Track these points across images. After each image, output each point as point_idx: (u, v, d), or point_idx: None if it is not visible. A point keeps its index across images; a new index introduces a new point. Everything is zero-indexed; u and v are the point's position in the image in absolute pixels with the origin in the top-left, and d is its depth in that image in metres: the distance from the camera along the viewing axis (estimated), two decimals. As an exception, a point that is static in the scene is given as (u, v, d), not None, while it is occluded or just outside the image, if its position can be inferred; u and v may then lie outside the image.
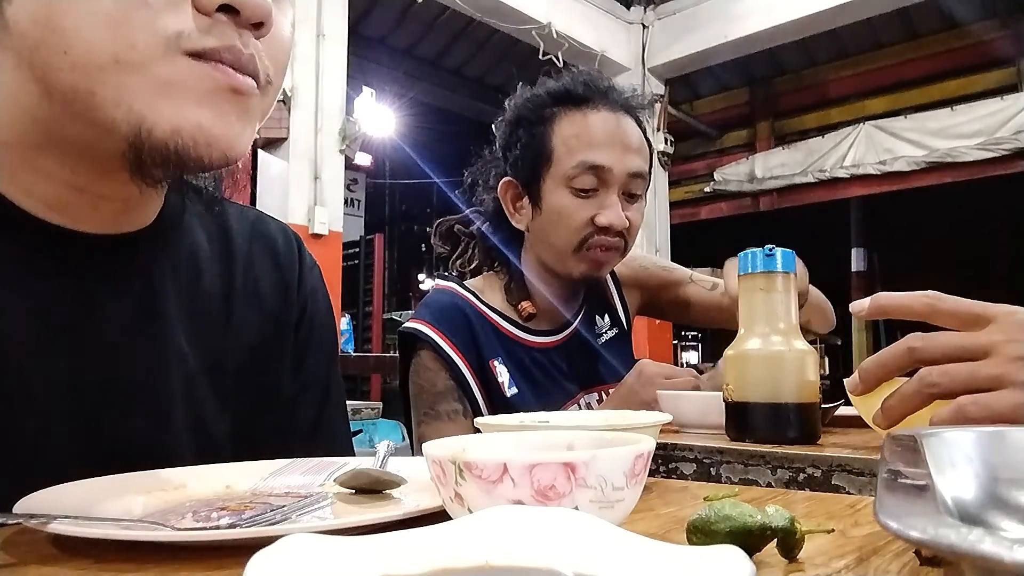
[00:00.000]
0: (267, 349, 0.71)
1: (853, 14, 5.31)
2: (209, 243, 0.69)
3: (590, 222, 1.11)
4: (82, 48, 0.47)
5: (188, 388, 0.64)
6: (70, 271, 0.57)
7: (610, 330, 1.30)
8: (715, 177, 7.67)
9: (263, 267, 0.73)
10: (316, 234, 4.06)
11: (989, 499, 0.35)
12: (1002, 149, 5.91)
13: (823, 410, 0.88)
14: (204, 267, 0.67)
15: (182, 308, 0.64)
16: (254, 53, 0.51)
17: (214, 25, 0.49)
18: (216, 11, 0.49)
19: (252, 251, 0.72)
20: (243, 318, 0.69)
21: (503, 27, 5.18)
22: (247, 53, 0.50)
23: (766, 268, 0.85)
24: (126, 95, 0.48)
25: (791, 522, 0.35)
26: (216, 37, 0.49)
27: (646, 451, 0.39)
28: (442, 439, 0.45)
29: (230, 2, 0.49)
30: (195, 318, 0.65)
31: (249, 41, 0.51)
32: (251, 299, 0.70)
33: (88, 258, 0.58)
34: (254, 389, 0.69)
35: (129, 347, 0.60)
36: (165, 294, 0.63)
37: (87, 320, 0.58)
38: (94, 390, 0.58)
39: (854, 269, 8.59)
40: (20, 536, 0.44)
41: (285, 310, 0.73)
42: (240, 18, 0.50)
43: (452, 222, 1.33)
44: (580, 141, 1.11)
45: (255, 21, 0.50)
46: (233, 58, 0.50)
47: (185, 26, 0.48)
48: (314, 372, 0.76)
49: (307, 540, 0.29)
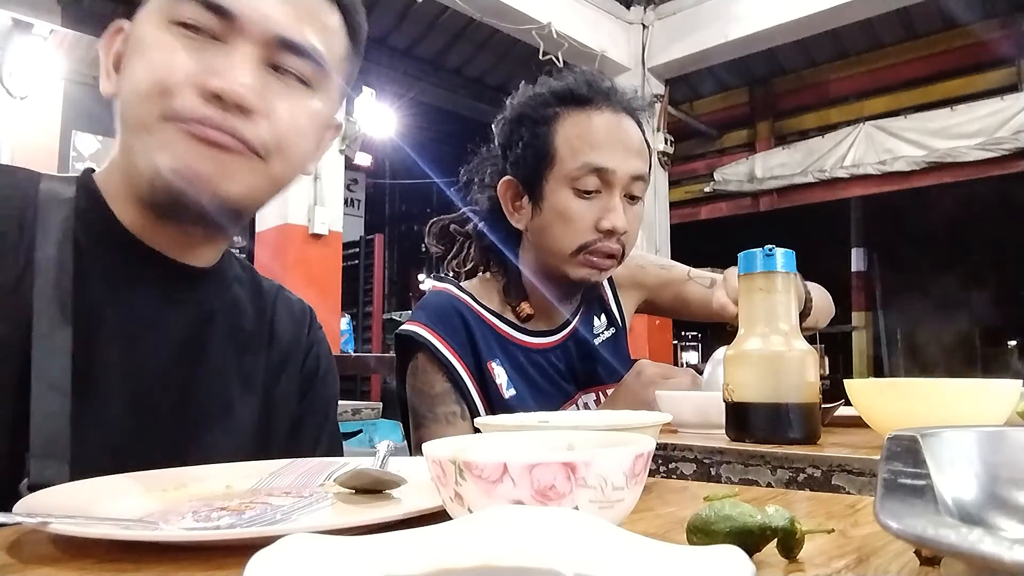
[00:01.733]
0: (280, 385, 0.85)
1: (853, 14, 5.30)
2: (247, 291, 0.85)
3: (593, 226, 1.11)
4: (129, 116, 0.68)
5: (225, 404, 0.77)
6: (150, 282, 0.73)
7: (607, 330, 1.30)
8: (715, 177, 7.66)
9: (284, 321, 0.88)
10: (316, 234, 4.06)
11: (989, 499, 0.35)
12: (1002, 149, 5.91)
13: (823, 410, 0.88)
14: (244, 308, 0.83)
15: (227, 336, 0.79)
16: (236, 124, 0.66)
17: (205, 105, 0.66)
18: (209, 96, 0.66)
19: (277, 306, 0.88)
20: (268, 354, 0.84)
21: (503, 27, 5.18)
22: (227, 124, 0.66)
23: (766, 268, 0.85)
24: (147, 149, 0.66)
25: (791, 522, 0.35)
26: (203, 111, 0.66)
27: (646, 451, 0.39)
28: (442, 439, 0.45)
29: (217, 92, 0.65)
30: (236, 346, 0.80)
31: (232, 119, 0.66)
32: (273, 341, 0.86)
33: (166, 278, 0.74)
34: (269, 412, 0.82)
35: (182, 361, 0.74)
36: (215, 322, 0.78)
37: (156, 328, 0.72)
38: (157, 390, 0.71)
39: (854, 269, 8.59)
40: (20, 536, 0.44)
41: (296, 355, 0.88)
42: (224, 102, 0.66)
43: (446, 221, 1.33)
44: (584, 142, 1.11)
45: (236, 105, 0.66)
46: (214, 124, 0.66)
47: (183, 104, 0.65)
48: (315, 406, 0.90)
49: (307, 540, 0.29)
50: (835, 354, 8.47)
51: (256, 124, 0.68)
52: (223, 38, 0.67)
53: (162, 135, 0.66)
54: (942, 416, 0.69)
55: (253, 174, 0.69)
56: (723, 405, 0.90)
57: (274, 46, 0.69)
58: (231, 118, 0.66)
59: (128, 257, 0.72)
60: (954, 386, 0.72)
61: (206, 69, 0.66)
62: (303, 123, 0.72)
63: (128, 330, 0.71)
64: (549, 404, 1.14)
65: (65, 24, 5.09)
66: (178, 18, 0.67)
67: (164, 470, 0.57)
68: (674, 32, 5.94)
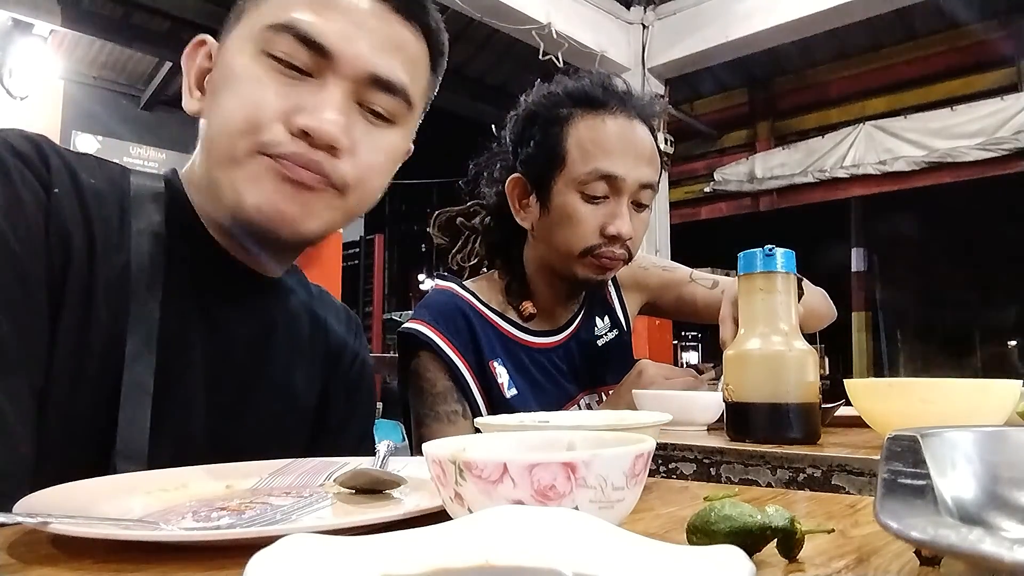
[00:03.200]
0: (330, 391, 0.88)
1: (853, 14, 5.30)
2: (301, 298, 0.87)
3: (599, 231, 1.11)
4: (216, 146, 0.68)
5: (284, 410, 0.80)
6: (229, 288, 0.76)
7: (610, 331, 1.30)
8: (715, 177, 7.66)
9: (334, 327, 0.91)
10: (316, 234, 4.06)
11: (989, 499, 0.35)
12: (1002, 149, 5.90)
13: (823, 410, 0.88)
14: (300, 316, 0.86)
15: (287, 344, 0.82)
16: (321, 161, 0.67)
17: (294, 141, 0.66)
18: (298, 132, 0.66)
19: (327, 313, 0.91)
20: (321, 361, 0.87)
21: (503, 27, 5.17)
22: (314, 159, 0.67)
23: (766, 268, 0.85)
24: (233, 183, 0.67)
25: (791, 522, 0.35)
26: (291, 147, 0.66)
27: (646, 451, 0.39)
28: (442, 439, 0.45)
29: (306, 129, 0.66)
30: (295, 353, 0.83)
31: (320, 154, 0.67)
32: (326, 347, 0.88)
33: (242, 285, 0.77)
34: (320, 417, 0.86)
35: (247, 366, 0.76)
36: (277, 330, 0.81)
37: (228, 334, 0.75)
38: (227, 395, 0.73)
39: (854, 269, 8.59)
40: (20, 536, 0.44)
41: (344, 361, 0.91)
42: (312, 139, 0.66)
43: (453, 213, 1.32)
44: (596, 147, 1.10)
45: (323, 143, 0.67)
46: (301, 162, 0.67)
47: (272, 138, 0.66)
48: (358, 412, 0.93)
49: (307, 540, 0.29)
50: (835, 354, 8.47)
51: (341, 161, 0.69)
52: (316, 74, 0.68)
53: (250, 169, 0.67)
54: (942, 416, 0.69)
55: (331, 210, 0.71)
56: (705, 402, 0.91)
57: (364, 84, 0.69)
58: (318, 155, 0.67)
59: (212, 262, 0.74)
60: (954, 386, 0.72)
61: (299, 106, 0.66)
62: (383, 160, 0.74)
63: (206, 334, 0.73)
64: (551, 404, 1.14)
65: (65, 24, 5.09)
66: (272, 51, 0.67)
67: (164, 470, 0.57)
68: (674, 32, 5.94)
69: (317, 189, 0.68)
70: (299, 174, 0.67)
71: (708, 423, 0.98)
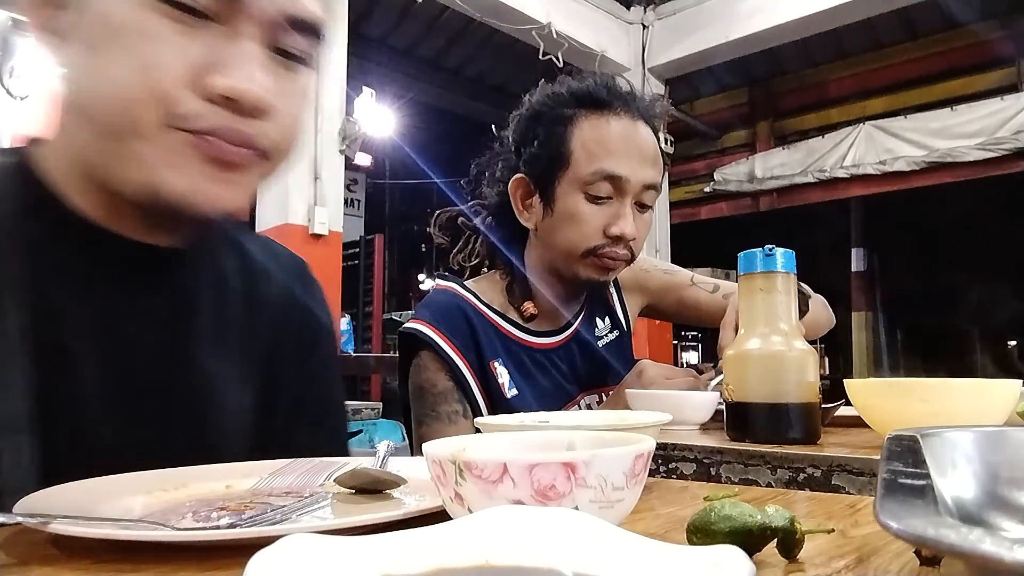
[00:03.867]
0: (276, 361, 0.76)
1: (853, 14, 5.30)
2: (234, 261, 0.76)
3: (602, 231, 1.11)
4: (108, 116, 0.56)
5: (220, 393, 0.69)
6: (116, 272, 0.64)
7: (611, 332, 1.30)
8: (715, 177, 7.66)
9: (275, 287, 0.79)
10: (316, 234, 4.06)
11: (989, 499, 0.35)
12: (1002, 149, 5.90)
13: (823, 410, 0.88)
14: (231, 282, 0.74)
15: (215, 319, 0.71)
16: (253, 132, 0.58)
17: (214, 110, 0.56)
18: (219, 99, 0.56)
19: (267, 272, 0.79)
20: (260, 333, 0.75)
21: (503, 27, 5.18)
22: (243, 132, 0.58)
23: (766, 268, 0.85)
24: (144, 161, 0.56)
25: (791, 522, 0.35)
26: (214, 119, 0.56)
27: (646, 451, 0.39)
28: (442, 439, 0.45)
29: (229, 94, 0.56)
30: (226, 328, 0.71)
31: (248, 123, 0.58)
32: (264, 316, 0.76)
33: (135, 263, 0.65)
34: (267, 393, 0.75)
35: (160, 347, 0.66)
36: (197, 304, 0.69)
37: (127, 318, 0.64)
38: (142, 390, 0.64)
39: (854, 269, 8.58)
40: (20, 536, 0.44)
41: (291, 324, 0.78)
42: (238, 106, 0.56)
43: (454, 213, 1.33)
44: (600, 147, 1.10)
45: (252, 110, 0.57)
46: (230, 137, 0.57)
47: (186, 109, 0.55)
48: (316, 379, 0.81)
49: (307, 540, 0.29)
50: (835, 354, 8.47)
51: (267, 124, 0.59)
52: (222, 19, 0.56)
53: (162, 146, 0.56)
54: (942, 416, 0.69)
55: (257, 179, 0.63)
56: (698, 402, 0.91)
57: (280, 26, 0.59)
58: (246, 125, 0.58)
59: (86, 245, 0.62)
60: (954, 386, 0.72)
61: (210, 63, 0.55)
62: (302, 108, 0.65)
63: (97, 327, 0.62)
64: (551, 404, 1.14)
65: (65, 24, 5.09)
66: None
67: (164, 470, 0.57)
68: (674, 32, 5.94)
69: (246, 164, 0.60)
70: (228, 153, 0.57)
71: (701, 422, 0.99)
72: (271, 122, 0.59)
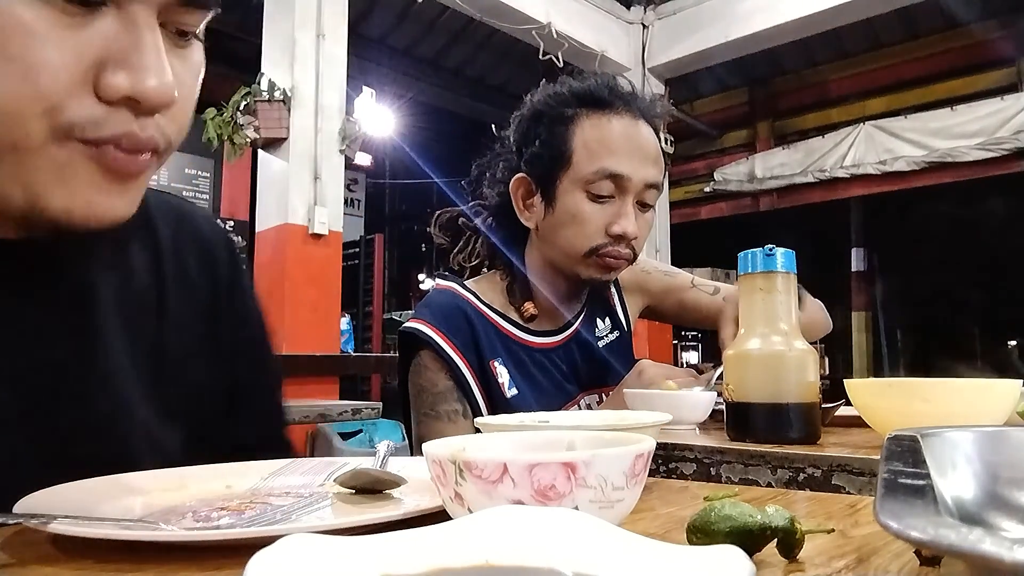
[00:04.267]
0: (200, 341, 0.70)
1: (853, 14, 5.30)
2: (134, 235, 0.67)
3: (604, 230, 1.11)
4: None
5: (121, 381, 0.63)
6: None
7: (611, 333, 1.30)
8: (715, 177, 7.66)
9: (190, 257, 0.71)
10: (316, 234, 4.06)
11: (989, 499, 0.35)
12: (1002, 149, 5.90)
13: (823, 410, 0.88)
14: (132, 260, 0.67)
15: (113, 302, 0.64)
16: (153, 135, 0.51)
17: (113, 114, 0.49)
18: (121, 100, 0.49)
19: (177, 240, 0.71)
20: (175, 309, 0.68)
21: (503, 27, 5.18)
22: (144, 136, 0.51)
23: (766, 268, 0.85)
24: (27, 178, 0.49)
25: (791, 522, 0.35)
26: (113, 126, 0.49)
27: (646, 451, 0.39)
28: (442, 439, 0.45)
29: (133, 95, 0.48)
30: (127, 311, 0.64)
31: (148, 123, 0.51)
32: (181, 290, 0.69)
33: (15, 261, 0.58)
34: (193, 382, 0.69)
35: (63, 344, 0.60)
36: (95, 290, 0.62)
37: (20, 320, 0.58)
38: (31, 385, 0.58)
39: (854, 269, 8.58)
40: (20, 536, 0.44)
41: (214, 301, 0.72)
42: (142, 107, 0.50)
43: (454, 213, 1.32)
44: (601, 146, 1.10)
45: (158, 110, 0.51)
46: (130, 144, 0.50)
47: (82, 116, 0.48)
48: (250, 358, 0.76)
49: (307, 540, 0.29)
50: (835, 354, 8.47)
51: (165, 118, 0.52)
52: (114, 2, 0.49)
53: (50, 161, 0.49)
54: (942, 416, 0.69)
55: (146, 181, 0.56)
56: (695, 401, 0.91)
57: (173, 4, 0.51)
58: (149, 128, 0.51)
59: None
60: (954, 386, 0.72)
61: (107, 58, 0.48)
62: (196, 90, 0.57)
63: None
64: (551, 404, 1.14)
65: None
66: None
67: (165, 470, 0.57)
68: (674, 32, 5.94)
69: (143, 171, 0.53)
70: (127, 165, 0.51)
71: (697, 422, 0.99)
72: (170, 114, 0.53)
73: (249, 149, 4.08)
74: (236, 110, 3.90)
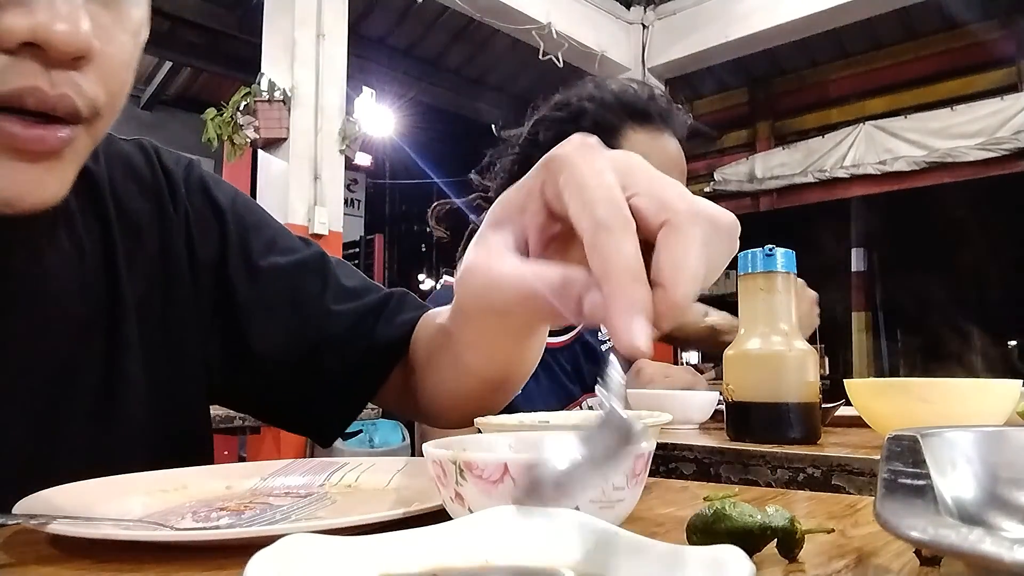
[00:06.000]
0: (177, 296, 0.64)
1: (853, 14, 5.30)
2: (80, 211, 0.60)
3: None
4: None
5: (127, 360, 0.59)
6: None
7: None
8: (715, 177, 7.65)
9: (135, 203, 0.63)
10: (316, 234, 4.06)
11: (989, 499, 0.35)
12: (1002, 149, 5.90)
13: (823, 410, 0.88)
14: (81, 242, 0.60)
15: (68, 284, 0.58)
16: (67, 92, 0.43)
17: (14, 64, 0.41)
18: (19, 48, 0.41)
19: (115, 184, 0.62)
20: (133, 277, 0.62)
21: (503, 27, 5.18)
22: (55, 93, 0.43)
23: (766, 268, 0.85)
24: None
25: (791, 522, 0.35)
26: (14, 78, 0.41)
27: (646, 451, 0.39)
28: (442, 439, 0.45)
29: (32, 39, 0.40)
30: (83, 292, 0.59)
31: (61, 78, 0.43)
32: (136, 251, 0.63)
33: None
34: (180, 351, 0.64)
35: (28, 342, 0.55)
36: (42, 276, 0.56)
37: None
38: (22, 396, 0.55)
39: (854, 269, 8.58)
40: (20, 536, 0.44)
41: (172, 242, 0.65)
42: (48, 55, 0.41)
43: (452, 205, 1.32)
44: (651, 162, 1.12)
45: (68, 57, 0.42)
46: (36, 101, 0.42)
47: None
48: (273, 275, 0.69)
49: (307, 540, 0.29)
50: (835, 354, 8.46)
51: (86, 76, 0.44)
52: None
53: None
54: (942, 416, 0.69)
55: (81, 155, 0.48)
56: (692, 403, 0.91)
57: None
58: (60, 83, 0.43)
59: None
60: (954, 386, 0.72)
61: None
62: (133, 50, 0.48)
63: None
64: (554, 402, 1.15)
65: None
66: None
67: (165, 470, 0.57)
68: (674, 32, 5.94)
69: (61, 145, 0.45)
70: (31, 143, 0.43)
71: (700, 422, 0.99)
72: (92, 71, 0.45)
73: (249, 149, 4.09)
74: (236, 110, 3.90)
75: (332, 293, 0.70)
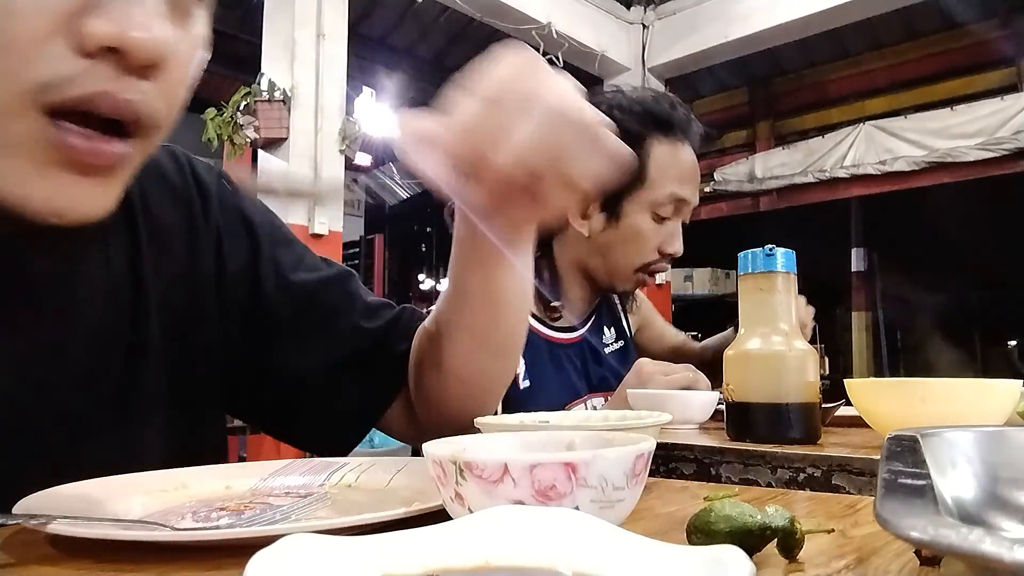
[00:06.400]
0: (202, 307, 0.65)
1: (853, 14, 5.30)
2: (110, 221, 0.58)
3: (657, 249, 1.20)
4: None
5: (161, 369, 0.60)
6: None
7: (616, 342, 1.35)
8: (715, 177, 7.65)
9: (164, 212, 0.64)
10: (316, 234, 4.06)
11: (989, 499, 0.35)
12: (1002, 149, 5.90)
13: (823, 410, 0.88)
14: (108, 250, 0.60)
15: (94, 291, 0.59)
16: (134, 98, 0.44)
17: (92, 69, 0.42)
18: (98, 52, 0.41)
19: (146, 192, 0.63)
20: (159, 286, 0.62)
21: (503, 27, 5.17)
22: (123, 97, 0.43)
23: (766, 268, 0.85)
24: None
25: (791, 522, 0.35)
26: (88, 82, 0.42)
27: (646, 451, 0.39)
28: (443, 439, 0.45)
29: (114, 43, 0.41)
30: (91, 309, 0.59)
31: (130, 85, 0.43)
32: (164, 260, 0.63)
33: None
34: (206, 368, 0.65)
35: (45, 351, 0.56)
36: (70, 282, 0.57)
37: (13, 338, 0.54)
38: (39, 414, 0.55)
39: (854, 269, 8.58)
40: (20, 536, 0.44)
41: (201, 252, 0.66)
42: (126, 61, 0.42)
43: None
44: (674, 172, 1.19)
45: (146, 64, 0.43)
46: (109, 107, 0.43)
47: (54, 74, 0.41)
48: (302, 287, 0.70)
49: (307, 540, 0.29)
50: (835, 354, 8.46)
51: (154, 87, 0.45)
52: None
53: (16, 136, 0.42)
54: (942, 416, 0.69)
55: (127, 172, 0.49)
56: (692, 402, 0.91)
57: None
58: (131, 90, 0.43)
59: None
60: (954, 386, 0.72)
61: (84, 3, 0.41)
62: (192, 69, 0.49)
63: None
64: (561, 398, 1.16)
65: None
66: None
67: (165, 470, 0.57)
68: (674, 32, 5.94)
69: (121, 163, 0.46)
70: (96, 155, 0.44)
71: (698, 422, 0.99)
72: (158, 85, 0.45)
73: (249, 149, 4.08)
74: (236, 110, 3.90)
75: (360, 310, 0.71)
